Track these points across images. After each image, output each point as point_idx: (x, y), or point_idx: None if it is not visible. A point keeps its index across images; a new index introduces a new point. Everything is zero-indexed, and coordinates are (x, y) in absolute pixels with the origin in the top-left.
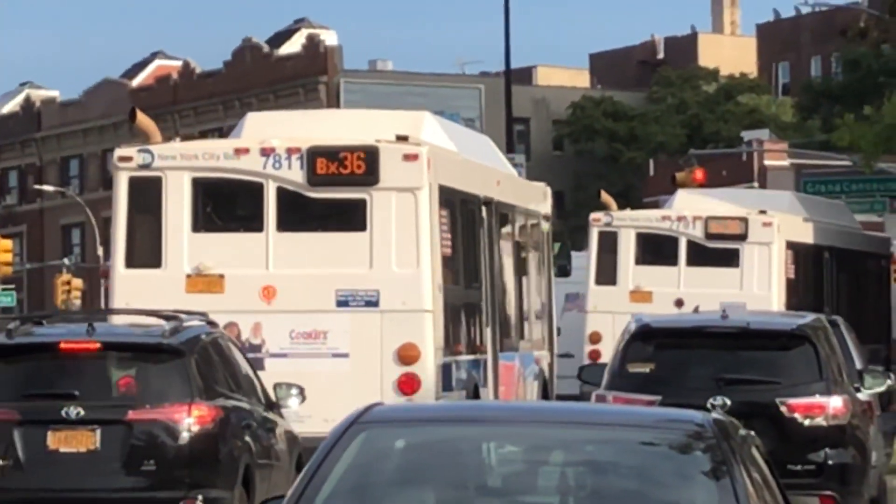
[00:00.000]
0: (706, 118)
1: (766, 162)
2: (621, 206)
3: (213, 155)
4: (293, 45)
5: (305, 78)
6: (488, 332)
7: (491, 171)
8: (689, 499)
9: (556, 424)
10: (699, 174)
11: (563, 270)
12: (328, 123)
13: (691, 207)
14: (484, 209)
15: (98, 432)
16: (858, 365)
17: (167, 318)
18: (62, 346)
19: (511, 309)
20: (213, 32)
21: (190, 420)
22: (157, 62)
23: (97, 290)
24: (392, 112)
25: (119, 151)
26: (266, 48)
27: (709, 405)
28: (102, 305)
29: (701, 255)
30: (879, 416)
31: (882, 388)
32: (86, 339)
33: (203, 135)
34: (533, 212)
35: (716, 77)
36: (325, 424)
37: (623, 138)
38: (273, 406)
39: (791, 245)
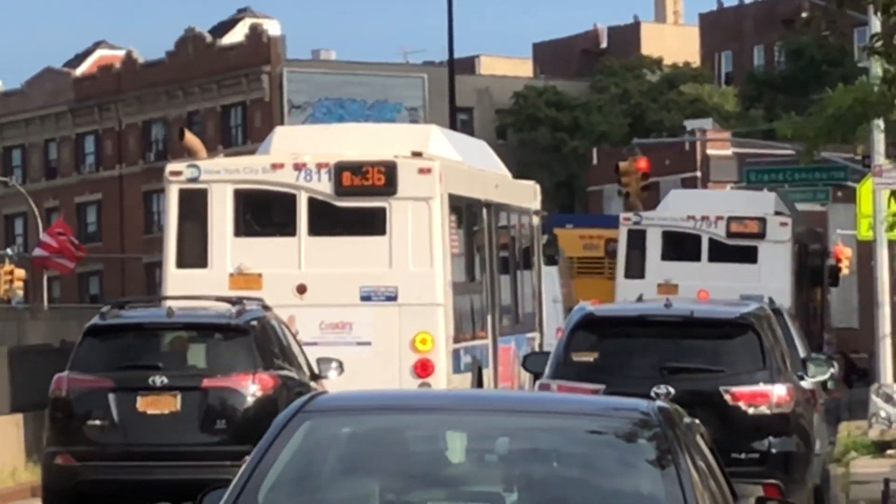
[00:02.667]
0: (649, 107)
1: (710, 151)
2: (564, 196)
3: (252, 169)
4: (236, 35)
5: (248, 68)
6: (489, 319)
7: (489, 176)
8: (634, 486)
9: (501, 413)
10: (642, 163)
11: (552, 260)
12: (347, 137)
13: (694, 207)
14: (484, 210)
15: (179, 397)
16: (802, 353)
17: (232, 302)
18: (147, 325)
19: (507, 297)
20: (156, 22)
21: (254, 387)
22: (99, 52)
23: (40, 280)
24: (404, 126)
25: (170, 167)
26: (209, 38)
27: (653, 393)
28: (45, 299)
29: (722, 252)
30: (823, 403)
31: (825, 377)
32: (167, 320)
33: (146, 124)
34: (524, 208)
35: (659, 66)
36: None
37: (566, 127)
38: (316, 377)
39: (795, 242)
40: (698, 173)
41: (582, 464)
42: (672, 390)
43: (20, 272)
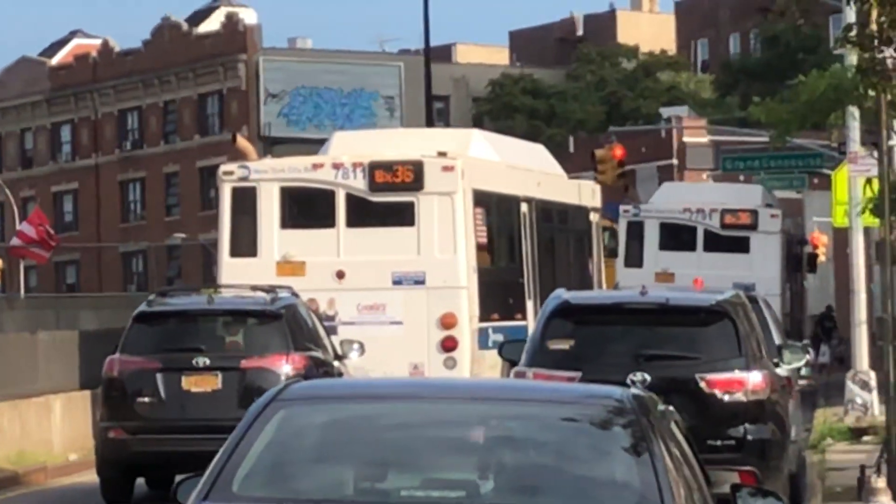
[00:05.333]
0: (625, 95)
1: (686, 139)
2: None
3: (296, 169)
4: (212, 24)
5: (225, 56)
6: (529, 303)
7: (532, 174)
8: (609, 473)
9: (476, 400)
10: (618, 151)
11: (613, 252)
12: (396, 141)
13: (687, 199)
14: (524, 205)
15: (219, 376)
16: (777, 340)
17: (265, 290)
18: (190, 311)
19: (553, 283)
20: (132, 11)
21: (288, 367)
22: (75, 41)
23: (17, 269)
24: (449, 131)
25: (223, 167)
26: (185, 26)
27: (629, 381)
28: (21, 289)
29: (716, 242)
30: (798, 390)
31: (801, 364)
32: (208, 307)
33: (122, 113)
34: (576, 205)
35: (635, 54)
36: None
37: (543, 116)
38: (340, 357)
39: (783, 233)
40: (674, 161)
41: (556, 451)
42: (648, 378)
43: None
